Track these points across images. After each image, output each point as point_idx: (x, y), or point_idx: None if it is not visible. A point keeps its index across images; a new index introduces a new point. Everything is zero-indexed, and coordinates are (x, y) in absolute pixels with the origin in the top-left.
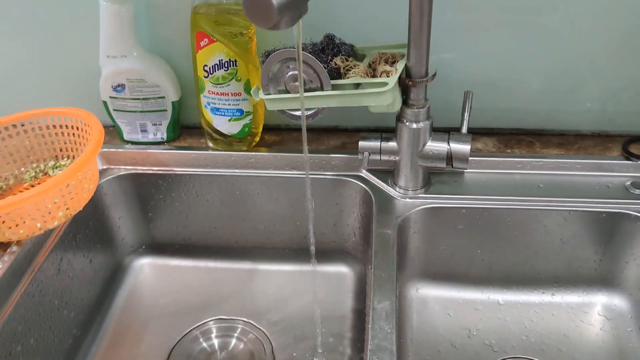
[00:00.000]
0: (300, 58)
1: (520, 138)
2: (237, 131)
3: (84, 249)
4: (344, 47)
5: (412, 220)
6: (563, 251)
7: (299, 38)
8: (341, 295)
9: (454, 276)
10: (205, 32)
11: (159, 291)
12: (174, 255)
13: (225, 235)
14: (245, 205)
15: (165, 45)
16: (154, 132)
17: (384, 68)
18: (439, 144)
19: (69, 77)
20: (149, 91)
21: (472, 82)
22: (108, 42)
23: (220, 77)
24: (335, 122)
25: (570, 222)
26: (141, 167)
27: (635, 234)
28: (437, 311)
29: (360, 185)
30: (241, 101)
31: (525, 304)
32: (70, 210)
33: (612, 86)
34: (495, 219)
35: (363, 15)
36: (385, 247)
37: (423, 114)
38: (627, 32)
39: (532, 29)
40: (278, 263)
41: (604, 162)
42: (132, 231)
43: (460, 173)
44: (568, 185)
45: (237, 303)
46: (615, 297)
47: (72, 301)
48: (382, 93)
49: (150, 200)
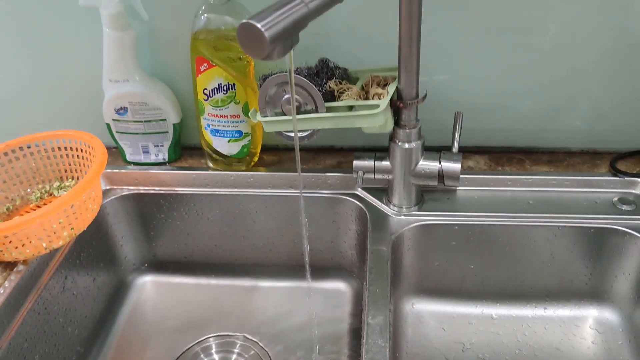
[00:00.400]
0: (292, 83)
1: (511, 156)
2: (237, 152)
3: (88, 268)
4: (338, 70)
5: (406, 237)
6: (553, 266)
7: (291, 65)
8: (338, 311)
9: (448, 291)
10: (205, 57)
11: (161, 308)
12: (175, 272)
13: (225, 252)
14: (244, 224)
15: (167, 69)
16: (155, 153)
17: (376, 90)
18: (431, 162)
19: (73, 100)
20: (150, 114)
21: (464, 103)
22: (111, 67)
23: (219, 100)
24: (331, 142)
25: (559, 237)
26: (143, 187)
27: (623, 248)
28: (432, 325)
29: (356, 203)
30: (240, 123)
31: (518, 318)
32: (75, 230)
33: (600, 105)
34: (487, 235)
35: (356, 39)
36: (380, 263)
37: (414, 134)
38: (615, 53)
39: (523, 50)
40: (277, 280)
41: (592, 178)
42: (135, 249)
43: (452, 191)
44: (557, 202)
45: (237, 319)
46: (606, 311)
47: (76, 318)
48: (374, 115)
49: (152, 219)
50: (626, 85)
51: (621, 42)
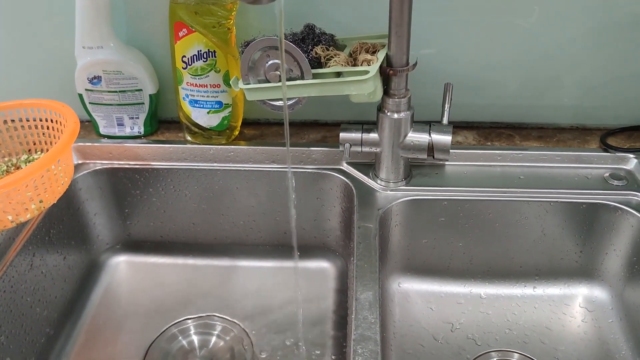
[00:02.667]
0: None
1: (500, 131)
2: (216, 124)
3: (58, 245)
4: (325, 37)
5: (393, 212)
6: (544, 243)
7: (281, 18)
8: (322, 291)
9: (436, 270)
10: (184, 22)
11: (136, 289)
12: (151, 252)
13: (203, 231)
14: (224, 201)
15: (143, 36)
16: (130, 126)
17: (365, 57)
18: (420, 134)
19: (43, 69)
20: (126, 83)
21: (451, 78)
22: (84, 33)
23: (199, 68)
24: (315, 116)
25: (551, 213)
26: (117, 162)
27: (614, 224)
28: (420, 305)
29: (341, 179)
30: (220, 93)
31: (507, 297)
32: (44, 202)
33: (588, 82)
34: (476, 210)
35: (343, 6)
36: (367, 238)
37: (404, 103)
38: (602, 30)
39: (510, 27)
40: (258, 259)
41: (583, 154)
42: (108, 228)
43: (441, 165)
44: (548, 177)
45: (216, 300)
46: (596, 289)
47: (45, 298)
48: (363, 81)
49: (127, 195)
50: (614, 62)
51: (608, 19)
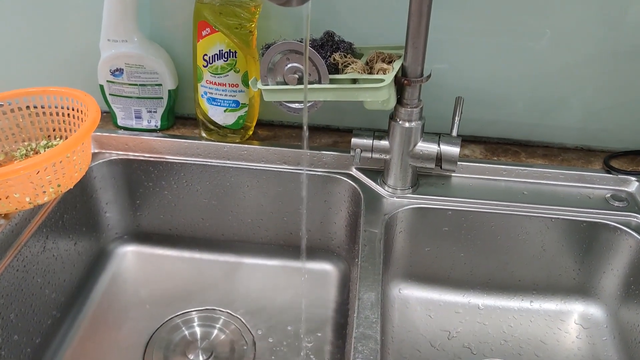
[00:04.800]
0: (307, 45)
1: (506, 147)
2: (232, 122)
3: (70, 231)
4: (343, 44)
5: (399, 219)
6: (543, 259)
7: (308, 22)
8: (324, 292)
9: (436, 278)
10: (208, 22)
11: (142, 279)
12: (159, 244)
13: (212, 226)
14: (234, 198)
15: (166, 33)
16: (148, 119)
17: (381, 66)
18: (430, 144)
19: (67, 58)
20: (146, 77)
21: (462, 93)
22: (110, 26)
23: (219, 67)
24: (328, 122)
25: (551, 229)
26: (133, 153)
27: (613, 244)
28: (419, 312)
29: (350, 183)
30: (238, 93)
31: (504, 309)
32: (62, 187)
33: (593, 104)
34: (479, 222)
35: (363, 17)
36: (372, 242)
37: (416, 113)
38: (607, 57)
39: (521, 49)
40: (263, 257)
41: (586, 174)
42: (119, 217)
43: (447, 176)
44: (551, 194)
45: (219, 295)
46: (592, 307)
47: (54, 281)
48: (379, 88)
49: (140, 187)
50: (617, 88)
51: (613, 48)
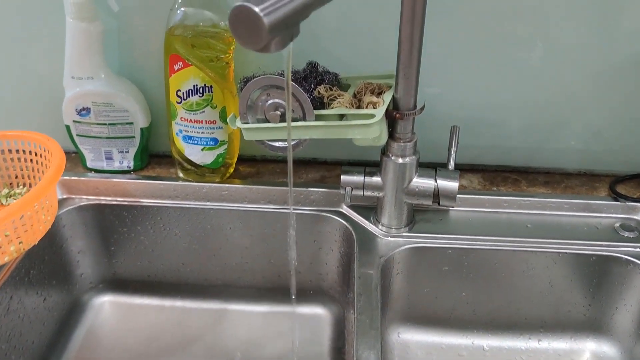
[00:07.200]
0: (289, 83)
1: (505, 175)
2: (211, 161)
3: (38, 286)
4: (328, 75)
5: (395, 260)
6: (551, 295)
7: (289, 62)
8: (318, 338)
9: (437, 320)
10: (180, 55)
11: (120, 332)
12: (137, 293)
13: (193, 272)
14: (216, 241)
15: (136, 68)
16: (120, 160)
17: (370, 99)
18: (426, 180)
19: (29, 99)
20: (116, 116)
21: (456, 118)
22: (74, 63)
23: (194, 103)
24: (314, 154)
25: (559, 264)
26: (105, 197)
27: (625, 278)
28: (420, 357)
29: (341, 222)
30: (216, 129)
31: (511, 349)
32: (24, 244)
33: (595, 124)
34: (481, 259)
35: (346, 44)
36: (369, 289)
37: (410, 148)
38: (607, 71)
39: (514, 66)
40: (250, 303)
41: (593, 202)
42: (92, 266)
43: (445, 211)
44: (556, 226)
45: (205, 346)
46: (605, 344)
47: (21, 345)
48: (369, 125)
49: (114, 233)
50: (619, 106)
51: (613, 60)
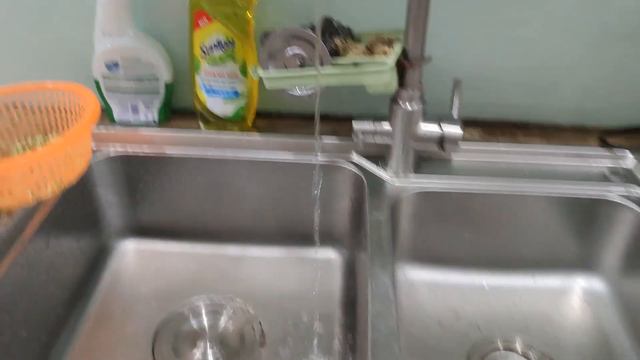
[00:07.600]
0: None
1: (503, 129)
2: (231, 113)
3: (72, 228)
4: (342, 29)
5: (403, 203)
6: (546, 235)
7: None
8: (329, 280)
9: (441, 260)
10: (205, 11)
11: (145, 274)
12: (160, 239)
13: (213, 219)
14: (235, 189)
15: (161, 25)
16: (145, 114)
17: (382, 48)
18: (432, 126)
19: (61, 54)
20: (143, 71)
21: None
22: (104, 19)
23: (217, 57)
24: (325, 109)
25: (553, 206)
26: (131, 148)
27: (614, 219)
28: (425, 294)
29: (352, 170)
30: (237, 82)
31: (508, 287)
32: (64, 181)
33: (587, 84)
34: (482, 203)
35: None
36: (379, 230)
37: (417, 96)
38: (599, 33)
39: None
40: (266, 248)
41: (584, 151)
42: (119, 213)
43: (448, 160)
44: (551, 173)
45: (225, 286)
46: (594, 280)
47: (58, 278)
48: (382, 72)
49: (139, 182)
50: (610, 68)
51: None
